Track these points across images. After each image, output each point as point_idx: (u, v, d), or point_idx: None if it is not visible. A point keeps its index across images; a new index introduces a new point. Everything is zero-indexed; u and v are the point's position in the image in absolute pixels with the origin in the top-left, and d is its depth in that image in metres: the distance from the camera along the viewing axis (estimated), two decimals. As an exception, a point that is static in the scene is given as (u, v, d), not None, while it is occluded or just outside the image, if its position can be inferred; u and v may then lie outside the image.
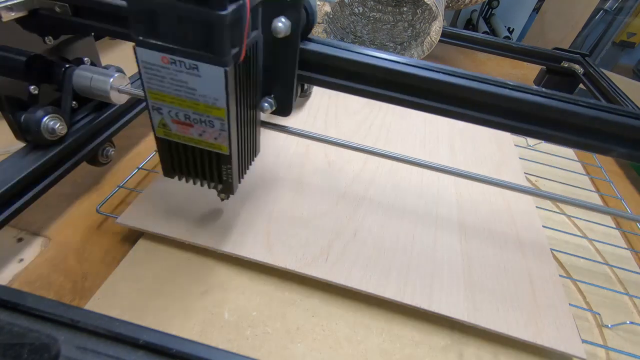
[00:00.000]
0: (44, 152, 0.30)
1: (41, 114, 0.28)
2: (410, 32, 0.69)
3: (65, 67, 0.30)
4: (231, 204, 0.34)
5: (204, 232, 0.31)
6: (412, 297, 0.29)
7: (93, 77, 0.30)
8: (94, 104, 0.34)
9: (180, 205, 0.33)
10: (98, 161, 0.35)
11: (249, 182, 0.36)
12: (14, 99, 0.29)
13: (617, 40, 1.47)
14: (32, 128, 0.28)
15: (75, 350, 0.17)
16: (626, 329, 0.31)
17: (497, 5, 1.65)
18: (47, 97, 0.31)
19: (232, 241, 0.30)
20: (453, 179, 0.42)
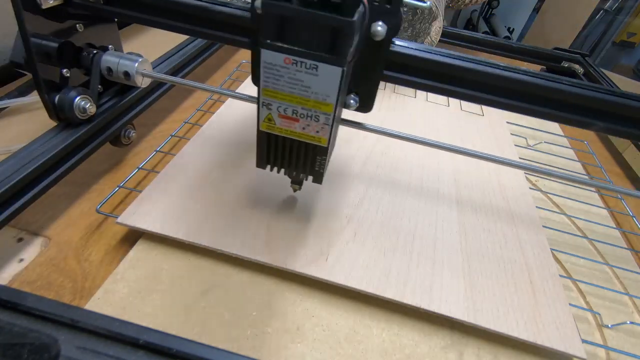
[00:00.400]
0: (75, 130, 0.33)
1: (74, 94, 0.31)
2: (410, 32, 0.69)
3: (94, 53, 0.33)
4: (231, 204, 0.34)
5: (204, 232, 0.31)
6: (412, 297, 0.29)
7: (120, 61, 0.33)
8: (117, 88, 0.37)
9: (181, 205, 0.33)
10: (120, 142, 0.38)
11: (249, 182, 0.37)
12: (49, 82, 0.31)
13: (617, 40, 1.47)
14: (66, 107, 0.31)
15: (75, 350, 0.17)
16: (626, 329, 0.31)
17: (497, 5, 1.65)
18: (77, 81, 0.34)
19: (232, 241, 0.30)
20: (454, 179, 0.42)
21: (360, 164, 0.42)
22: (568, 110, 0.28)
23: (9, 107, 0.44)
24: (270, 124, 0.25)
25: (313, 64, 0.21)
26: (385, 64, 0.27)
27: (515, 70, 0.28)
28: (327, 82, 0.22)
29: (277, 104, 0.24)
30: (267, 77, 0.23)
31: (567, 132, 0.58)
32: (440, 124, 0.52)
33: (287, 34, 0.21)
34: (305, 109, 0.24)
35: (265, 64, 0.22)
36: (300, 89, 0.23)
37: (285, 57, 0.21)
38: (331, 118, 0.24)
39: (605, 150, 0.59)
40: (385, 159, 0.43)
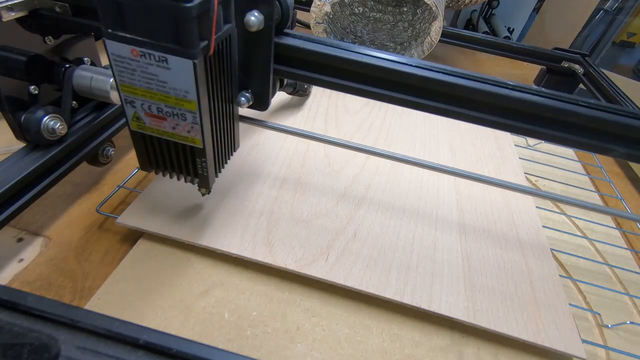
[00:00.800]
0: (44, 152, 0.29)
1: (41, 113, 0.28)
2: (410, 32, 0.69)
3: (66, 67, 0.30)
4: (231, 204, 0.34)
5: (204, 232, 0.31)
6: (412, 297, 0.29)
7: (93, 77, 0.30)
8: (94, 104, 0.34)
9: (180, 205, 0.33)
10: (98, 161, 0.35)
11: (249, 182, 0.37)
12: (14, 99, 0.29)
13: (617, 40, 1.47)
14: (32, 128, 0.28)
15: (75, 350, 0.17)
16: (626, 329, 0.31)
17: (497, 5, 1.65)
18: (47, 97, 0.31)
19: (232, 241, 0.30)
20: (453, 179, 0.42)
21: (360, 164, 0.42)
22: (582, 134, 0.26)
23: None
24: (140, 123, 0.24)
25: (162, 57, 0.20)
26: (274, 57, 0.25)
27: (413, 64, 0.25)
28: (182, 76, 0.21)
29: (139, 101, 0.23)
30: (120, 71, 0.21)
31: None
32: (441, 124, 0.52)
33: (128, 22, 0.19)
34: (169, 107, 0.22)
35: (114, 56, 0.21)
36: (157, 85, 0.22)
37: (132, 49, 0.20)
38: (198, 116, 0.22)
39: (605, 150, 0.58)
40: (385, 159, 0.43)
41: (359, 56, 0.25)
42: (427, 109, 0.27)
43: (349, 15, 0.70)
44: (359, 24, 0.72)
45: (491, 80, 0.25)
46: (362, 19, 0.73)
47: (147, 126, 0.24)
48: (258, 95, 0.27)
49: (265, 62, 0.25)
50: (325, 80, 0.27)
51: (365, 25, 0.73)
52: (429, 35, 0.59)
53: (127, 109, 0.23)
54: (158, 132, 0.24)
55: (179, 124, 0.23)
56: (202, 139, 0.23)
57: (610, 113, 0.24)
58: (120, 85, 0.22)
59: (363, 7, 0.72)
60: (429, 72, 0.25)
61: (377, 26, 0.73)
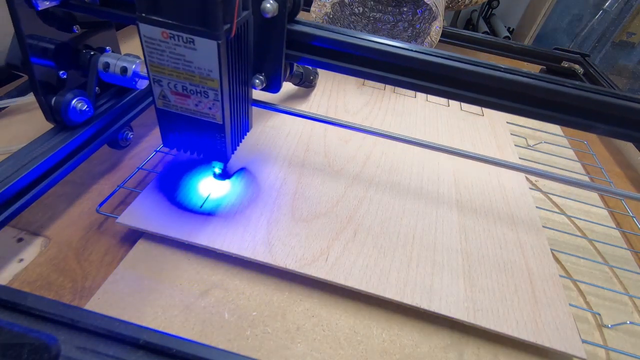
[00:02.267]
0: (72, 132, 0.32)
1: (70, 96, 0.31)
2: (410, 32, 0.69)
3: (91, 54, 0.33)
4: (231, 204, 0.34)
5: (203, 232, 0.31)
6: (412, 297, 0.29)
7: (117, 63, 0.33)
8: (115, 90, 0.37)
9: (180, 205, 0.33)
10: (118, 144, 0.38)
11: (249, 181, 0.37)
12: (45, 83, 0.31)
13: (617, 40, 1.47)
14: (62, 109, 0.31)
15: (75, 350, 0.17)
16: (626, 329, 0.31)
17: (497, 5, 1.65)
18: (74, 83, 0.34)
19: (232, 241, 0.30)
20: (454, 179, 0.42)
21: (360, 164, 0.42)
22: (568, 112, 0.28)
23: (8, 107, 0.44)
24: (166, 101, 0.26)
25: (189, 38, 0.22)
26: (287, 43, 0.28)
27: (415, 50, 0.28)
28: (206, 56, 0.23)
29: (166, 80, 0.25)
30: (150, 52, 0.24)
31: (567, 132, 0.58)
32: (440, 124, 0.52)
33: (160, 6, 0.22)
34: (193, 85, 0.25)
35: (146, 38, 0.23)
36: (183, 64, 0.24)
37: (162, 31, 0.22)
38: (219, 94, 0.25)
39: (605, 151, 0.59)
40: (385, 159, 0.43)
41: (363, 41, 0.28)
42: (428, 91, 0.29)
43: (349, 15, 0.70)
44: (359, 24, 0.72)
45: (485, 64, 0.28)
46: (362, 19, 0.73)
47: (172, 104, 0.26)
48: (271, 78, 0.29)
49: (278, 47, 0.28)
50: (332, 64, 0.29)
51: (365, 25, 0.73)
52: (429, 35, 0.59)
53: (155, 87, 0.26)
54: (182, 109, 0.26)
55: (202, 101, 0.25)
56: (222, 115, 0.26)
57: (593, 93, 0.27)
58: (150, 65, 0.24)
59: (363, 7, 0.72)
60: (430, 57, 0.28)
61: (377, 26, 0.73)
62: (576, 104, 0.28)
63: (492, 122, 0.54)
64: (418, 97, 0.59)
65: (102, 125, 0.35)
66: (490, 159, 0.31)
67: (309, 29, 0.28)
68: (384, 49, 0.27)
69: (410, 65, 0.28)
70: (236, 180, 0.36)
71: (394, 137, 0.32)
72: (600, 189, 0.33)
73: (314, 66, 0.30)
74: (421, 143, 0.32)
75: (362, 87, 0.59)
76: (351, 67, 0.29)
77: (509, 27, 1.61)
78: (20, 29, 0.28)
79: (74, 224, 0.33)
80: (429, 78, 0.29)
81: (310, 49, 0.29)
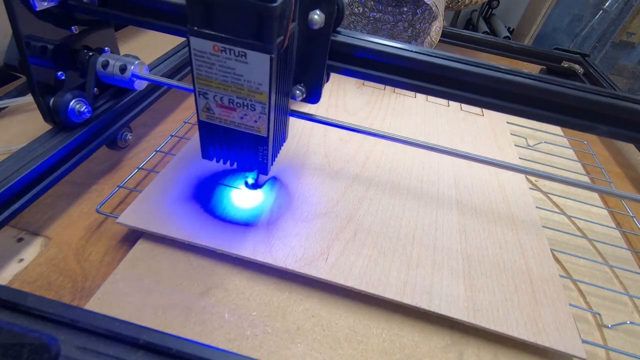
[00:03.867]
0: (71, 133, 0.32)
1: (69, 97, 0.31)
2: (410, 32, 0.69)
3: (89, 55, 0.33)
4: (231, 204, 0.34)
5: (203, 232, 0.31)
6: (412, 297, 0.29)
7: (115, 64, 0.32)
8: (113, 90, 0.37)
9: (181, 205, 0.33)
10: (117, 145, 0.37)
11: (249, 182, 0.36)
12: (43, 84, 0.31)
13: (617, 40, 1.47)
14: (60, 110, 0.31)
15: (75, 350, 0.17)
16: (626, 329, 0.31)
17: (497, 5, 1.65)
18: (72, 83, 0.33)
19: (232, 241, 0.30)
20: (454, 179, 0.42)
21: (360, 164, 0.42)
22: (569, 113, 0.28)
23: (8, 107, 0.44)
24: (210, 114, 0.26)
25: (241, 52, 0.22)
26: (329, 53, 0.27)
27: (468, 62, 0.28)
28: (258, 70, 0.22)
29: (212, 93, 0.24)
30: (199, 65, 0.23)
31: (567, 132, 0.58)
32: (440, 124, 0.52)
33: (213, 20, 0.21)
34: (240, 98, 0.24)
35: (195, 52, 0.22)
36: (232, 77, 0.23)
37: (214, 45, 0.22)
38: (267, 107, 0.24)
39: (605, 151, 0.59)
40: (385, 159, 0.43)
41: (405, 52, 0.28)
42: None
43: (349, 15, 0.70)
44: (359, 24, 0.72)
45: (485, 65, 0.27)
46: (362, 19, 0.73)
47: (216, 116, 0.26)
48: (311, 88, 0.29)
49: (321, 57, 0.27)
50: (374, 75, 0.29)
51: (365, 25, 0.73)
52: (429, 35, 0.59)
53: (199, 100, 0.25)
54: (226, 121, 0.26)
55: (248, 114, 0.25)
56: (267, 127, 0.25)
57: (594, 94, 0.27)
58: (197, 78, 0.24)
59: (363, 7, 0.72)
60: (433, 58, 0.28)
61: (377, 26, 0.73)
62: (577, 105, 0.27)
63: (492, 122, 0.54)
64: (418, 97, 0.59)
65: (101, 126, 0.35)
66: (491, 160, 0.31)
67: (353, 40, 0.28)
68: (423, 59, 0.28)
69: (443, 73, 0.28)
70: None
71: (395, 138, 0.32)
72: (600, 190, 0.33)
73: (353, 77, 0.30)
74: (421, 144, 0.32)
75: (362, 87, 0.59)
76: (394, 79, 0.29)
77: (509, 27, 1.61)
78: (18, 29, 0.28)
79: (74, 224, 0.33)
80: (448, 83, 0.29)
81: (352, 59, 0.29)
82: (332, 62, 0.28)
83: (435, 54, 0.28)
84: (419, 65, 0.28)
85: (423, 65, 0.28)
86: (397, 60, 0.28)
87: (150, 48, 0.62)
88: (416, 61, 0.28)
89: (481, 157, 0.31)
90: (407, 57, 0.28)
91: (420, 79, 0.29)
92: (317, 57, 0.27)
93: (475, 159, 0.31)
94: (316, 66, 0.28)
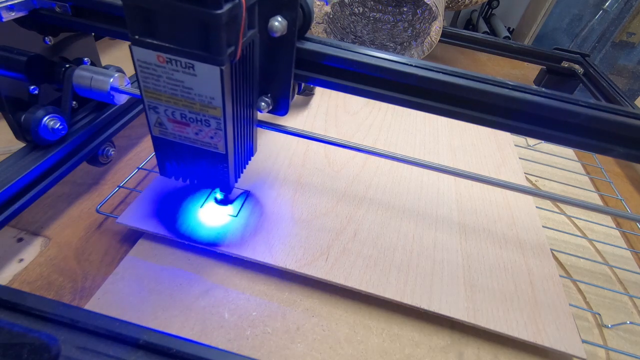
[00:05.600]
0: (44, 152, 0.30)
1: (41, 113, 0.29)
2: (410, 32, 0.69)
3: (65, 67, 0.30)
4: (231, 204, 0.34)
5: (203, 232, 0.31)
6: (412, 297, 0.29)
7: (93, 77, 0.30)
8: (94, 104, 0.35)
9: (180, 205, 0.33)
10: (98, 161, 0.35)
11: (249, 181, 0.37)
12: (14, 99, 0.29)
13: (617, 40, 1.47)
14: (32, 128, 0.28)
15: (75, 350, 0.17)
16: (626, 329, 0.31)
17: (497, 5, 1.65)
18: (48, 97, 0.31)
19: (232, 241, 0.30)
20: (453, 179, 0.42)
21: (360, 164, 0.42)
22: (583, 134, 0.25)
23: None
24: (163, 129, 0.24)
25: (188, 63, 0.20)
26: (295, 62, 0.25)
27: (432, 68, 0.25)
28: (208, 82, 0.20)
29: (163, 107, 0.23)
30: (145, 77, 0.21)
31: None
32: (440, 124, 0.52)
33: (155, 28, 0.19)
34: (193, 113, 0.22)
35: (140, 62, 0.21)
36: (182, 91, 0.21)
37: (158, 55, 0.20)
38: (222, 123, 0.22)
39: (605, 150, 0.58)
40: (385, 159, 0.43)
41: (380, 61, 0.25)
42: (427, 109, 0.27)
43: (348, 15, 0.70)
44: (359, 24, 0.72)
45: (491, 81, 0.25)
46: (362, 19, 0.73)
47: (170, 132, 0.24)
48: (278, 100, 0.27)
49: (286, 66, 0.25)
50: (346, 85, 0.27)
51: (365, 25, 0.73)
52: (429, 35, 0.59)
53: (150, 114, 0.23)
54: (181, 137, 0.24)
55: (202, 130, 0.23)
56: (225, 144, 0.24)
57: (610, 113, 0.24)
58: (145, 91, 0.22)
59: (363, 7, 0.72)
60: (428, 72, 0.25)
61: (377, 26, 0.73)
62: (592, 126, 0.25)
63: (492, 122, 0.54)
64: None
65: (79, 142, 0.32)
66: (496, 181, 0.29)
67: (320, 47, 0.25)
68: (401, 69, 0.25)
69: (432, 87, 0.26)
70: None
71: (395, 157, 0.30)
72: (615, 213, 0.30)
73: (325, 87, 0.27)
74: (422, 164, 0.29)
75: (362, 87, 0.59)
76: (367, 89, 0.27)
77: (509, 27, 1.61)
78: None
79: (74, 224, 0.33)
80: (446, 99, 0.26)
81: (321, 68, 0.26)
82: (300, 71, 0.26)
83: (418, 64, 0.26)
84: (394, 75, 0.25)
85: (399, 76, 0.25)
86: (368, 69, 0.25)
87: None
88: (390, 71, 0.25)
89: (485, 177, 0.29)
90: (380, 67, 0.25)
91: (397, 90, 0.26)
92: (281, 67, 0.25)
93: (478, 179, 0.29)
94: (282, 76, 0.26)
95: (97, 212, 0.33)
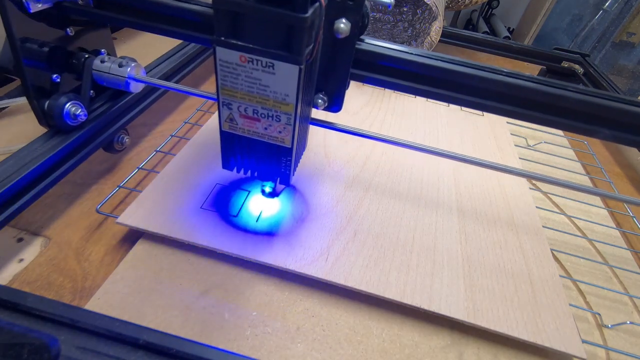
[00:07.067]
0: (66, 137, 0.32)
1: (64, 100, 0.31)
2: (410, 32, 0.69)
3: (85, 57, 0.32)
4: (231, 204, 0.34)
5: (203, 232, 0.31)
6: (412, 297, 0.29)
7: (111, 66, 0.32)
8: (110, 93, 0.36)
9: (181, 205, 0.33)
10: (113, 148, 0.37)
11: (249, 181, 0.36)
12: (38, 87, 0.31)
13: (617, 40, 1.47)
14: (55, 114, 0.30)
15: (75, 350, 0.17)
16: (626, 329, 0.31)
17: (497, 5, 1.65)
18: (68, 86, 0.33)
19: (232, 241, 0.30)
20: (453, 179, 0.42)
21: (360, 164, 0.42)
22: (572, 117, 0.28)
23: (9, 107, 0.44)
24: (233, 124, 0.25)
25: (269, 62, 0.21)
26: (353, 62, 0.27)
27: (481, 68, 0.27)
28: (285, 81, 0.22)
29: (237, 104, 0.24)
30: (224, 76, 0.22)
31: (567, 132, 0.58)
32: (440, 124, 0.52)
33: (241, 30, 0.21)
34: (265, 109, 0.24)
35: (221, 62, 0.22)
36: (258, 88, 0.23)
37: (241, 55, 0.21)
38: (292, 118, 0.24)
39: (605, 151, 0.59)
40: (385, 159, 0.43)
41: (430, 60, 0.27)
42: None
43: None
44: (359, 24, 0.72)
45: (487, 68, 0.27)
46: (362, 19, 0.72)
47: (239, 127, 0.25)
48: (333, 97, 0.29)
49: (345, 66, 0.27)
50: (399, 84, 0.29)
51: (365, 25, 0.72)
52: (429, 35, 0.59)
53: (223, 110, 0.24)
54: (249, 132, 0.25)
55: (272, 124, 0.24)
56: (292, 139, 0.25)
57: (597, 97, 0.26)
58: (222, 88, 0.23)
59: (363, 7, 0.72)
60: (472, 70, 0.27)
61: (377, 26, 0.73)
62: (579, 109, 0.27)
63: (492, 122, 0.54)
64: (418, 97, 0.59)
65: (97, 129, 0.34)
66: (492, 164, 0.31)
67: (377, 49, 0.27)
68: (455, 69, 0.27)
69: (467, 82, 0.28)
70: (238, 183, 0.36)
71: (396, 142, 0.31)
72: (600, 193, 0.32)
73: (378, 85, 0.29)
74: (422, 148, 0.31)
75: (362, 87, 0.59)
76: (420, 88, 0.28)
77: (509, 27, 1.61)
78: (11, 31, 0.28)
79: (74, 224, 0.33)
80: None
81: (376, 67, 0.28)
82: (356, 70, 0.28)
83: (457, 61, 0.28)
84: (444, 74, 0.27)
85: (448, 74, 0.27)
86: (418, 68, 0.27)
87: (148, 49, 0.61)
88: (437, 69, 0.27)
89: (480, 160, 0.31)
90: (430, 65, 0.27)
91: (445, 87, 0.28)
92: (340, 66, 0.27)
93: (474, 162, 0.31)
94: (339, 74, 0.27)
95: (97, 212, 0.33)
